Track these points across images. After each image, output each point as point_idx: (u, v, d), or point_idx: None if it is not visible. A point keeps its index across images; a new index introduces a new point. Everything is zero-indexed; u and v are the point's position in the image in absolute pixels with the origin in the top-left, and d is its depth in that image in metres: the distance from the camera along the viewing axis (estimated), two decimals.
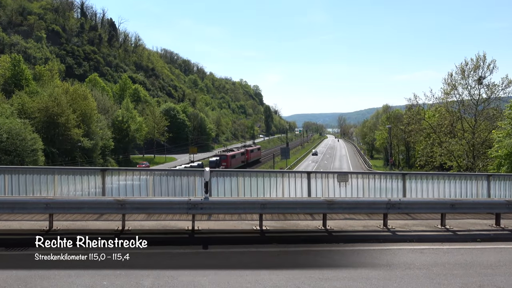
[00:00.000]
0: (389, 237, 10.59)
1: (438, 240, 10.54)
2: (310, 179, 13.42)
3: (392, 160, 71.11)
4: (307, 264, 8.68)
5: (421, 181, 14.11)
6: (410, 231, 11.10)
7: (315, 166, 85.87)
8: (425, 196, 13.97)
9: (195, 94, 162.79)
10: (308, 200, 11.25)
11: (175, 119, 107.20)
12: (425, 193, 14.06)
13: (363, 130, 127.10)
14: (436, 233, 11.05)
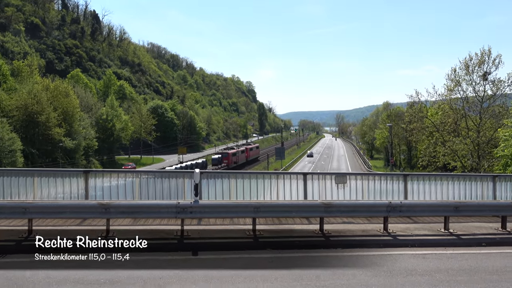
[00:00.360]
0: (390, 242, 10.62)
1: (441, 245, 10.58)
2: (306, 181, 13.44)
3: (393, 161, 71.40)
4: (303, 271, 8.69)
5: (423, 183, 14.18)
6: (411, 235, 11.15)
7: (311, 167, 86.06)
8: (428, 198, 14.03)
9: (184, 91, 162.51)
10: (304, 203, 11.26)
11: (163, 118, 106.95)
12: (427, 195, 14.12)
13: (362, 128, 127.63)
14: (439, 237, 11.10)
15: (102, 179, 12.82)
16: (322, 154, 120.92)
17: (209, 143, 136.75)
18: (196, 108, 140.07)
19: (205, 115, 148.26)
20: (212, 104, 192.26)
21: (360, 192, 13.71)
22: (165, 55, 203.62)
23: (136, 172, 13.28)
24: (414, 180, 14.13)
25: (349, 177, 13.75)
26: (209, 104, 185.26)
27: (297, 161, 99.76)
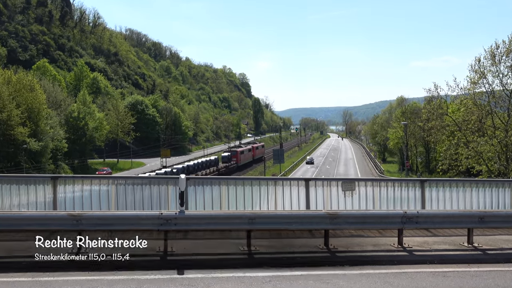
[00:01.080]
0: (405, 258, 10.63)
1: (465, 261, 10.60)
2: (308, 188, 13.44)
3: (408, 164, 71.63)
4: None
5: (443, 190, 14.22)
6: (430, 250, 11.17)
7: (315, 172, 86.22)
8: (449, 207, 14.07)
9: (168, 85, 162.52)
10: (307, 213, 11.26)
11: (143, 115, 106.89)
12: (448, 203, 14.16)
13: (373, 127, 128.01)
14: (461, 253, 11.12)
15: (73, 186, 12.78)
16: (327, 157, 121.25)
17: (197, 144, 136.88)
18: (181, 104, 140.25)
19: (192, 112, 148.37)
20: (200, 100, 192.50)
21: (371, 200, 13.72)
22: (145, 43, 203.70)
23: (112, 178, 13.24)
24: (432, 187, 14.17)
25: (358, 183, 13.76)
26: (196, 100, 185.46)
27: (298, 165, 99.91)
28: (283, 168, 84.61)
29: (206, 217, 10.71)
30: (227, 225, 10.74)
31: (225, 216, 10.75)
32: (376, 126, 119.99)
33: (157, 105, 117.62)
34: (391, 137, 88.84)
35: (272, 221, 10.86)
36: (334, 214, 10.97)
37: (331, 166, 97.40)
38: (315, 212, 11.26)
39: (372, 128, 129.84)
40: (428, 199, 14.05)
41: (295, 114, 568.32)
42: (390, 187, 13.93)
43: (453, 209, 13.89)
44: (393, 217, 11.28)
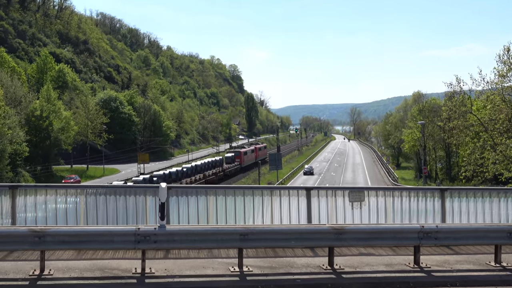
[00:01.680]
0: (423, 280, 10.66)
1: (491, 283, 10.64)
2: (310, 198, 13.46)
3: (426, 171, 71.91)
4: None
5: (467, 200, 14.27)
6: (451, 271, 11.20)
7: (318, 179, 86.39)
8: (473, 221, 14.12)
9: (147, 78, 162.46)
10: (308, 228, 11.28)
11: (117, 114, 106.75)
12: (472, 216, 14.21)
13: (385, 128, 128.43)
14: (488, 273, 11.16)
15: (35, 197, 12.73)
16: (332, 163, 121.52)
17: (180, 147, 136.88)
18: (162, 100, 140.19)
19: (175, 110, 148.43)
20: (184, 96, 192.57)
21: (383, 213, 13.76)
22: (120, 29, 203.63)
23: (82, 188, 13.21)
24: (454, 197, 14.22)
25: (367, 193, 13.79)
26: (179, 96, 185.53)
27: (298, 171, 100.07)
28: (280, 175, 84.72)
29: (191, 232, 10.71)
30: (215, 242, 10.73)
31: (213, 232, 10.75)
32: (389, 126, 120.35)
33: (133, 102, 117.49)
34: (407, 139, 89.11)
35: (267, 237, 10.86)
36: (340, 228, 10.99)
37: (336, 173, 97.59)
38: (317, 227, 11.27)
39: (384, 128, 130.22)
40: (449, 211, 14.10)
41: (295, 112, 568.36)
42: (405, 197, 13.97)
43: (478, 222, 13.95)
44: (408, 232, 11.31)
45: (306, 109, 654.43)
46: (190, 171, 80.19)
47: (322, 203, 13.56)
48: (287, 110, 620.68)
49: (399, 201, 13.92)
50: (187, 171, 79.38)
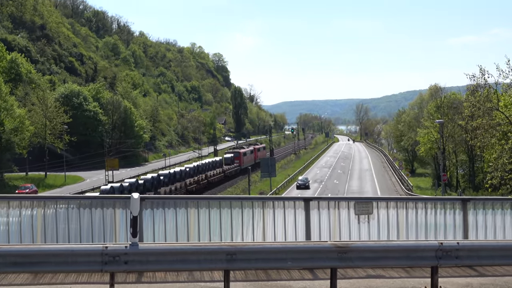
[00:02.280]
0: None
1: None
2: (309, 211, 13.46)
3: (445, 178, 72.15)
4: None
5: (493, 212, 14.29)
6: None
7: (318, 188, 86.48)
8: (501, 236, 14.14)
9: (116, 69, 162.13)
10: (307, 245, 11.26)
11: (80, 112, 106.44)
12: (500, 232, 14.23)
13: (397, 127, 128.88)
14: None
15: None
16: (335, 169, 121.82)
17: (155, 151, 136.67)
18: (134, 96, 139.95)
19: (149, 107, 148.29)
20: (160, 90, 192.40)
21: (395, 227, 13.78)
22: (84, 12, 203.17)
23: (38, 199, 13.13)
24: (478, 209, 14.24)
25: (376, 204, 13.82)
26: (155, 90, 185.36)
27: (296, 179, 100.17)
28: (274, 184, 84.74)
29: (168, 251, 10.66)
30: (197, 263, 10.68)
31: (194, 250, 10.70)
32: (401, 126, 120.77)
33: (100, 98, 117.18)
34: (422, 140, 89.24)
35: (258, 257, 10.83)
36: (344, 246, 10.98)
37: (340, 181, 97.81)
38: (318, 244, 11.25)
39: (396, 128, 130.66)
40: (472, 226, 14.12)
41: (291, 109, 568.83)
42: (420, 209, 13.99)
43: (507, 239, 13.97)
44: (424, 251, 11.31)
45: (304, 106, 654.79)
46: (191, 172, 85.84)
47: (323, 217, 13.56)
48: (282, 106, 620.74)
49: (414, 214, 13.93)
50: (189, 171, 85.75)
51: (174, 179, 79.85)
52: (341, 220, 13.62)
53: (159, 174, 77.94)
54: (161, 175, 78.09)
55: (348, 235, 13.59)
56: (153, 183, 73.44)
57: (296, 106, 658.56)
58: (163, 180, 77.00)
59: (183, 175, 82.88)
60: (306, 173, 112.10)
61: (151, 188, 71.74)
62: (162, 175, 78.13)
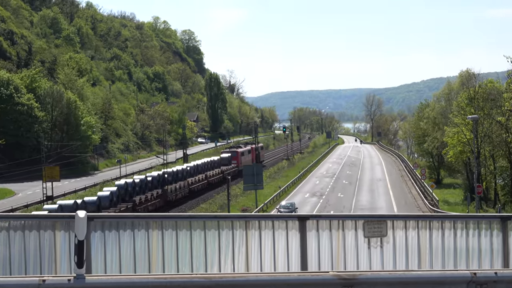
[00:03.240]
0: None
1: None
2: (305, 232, 13.47)
3: (481, 190, 72.33)
4: None
5: None
6: None
7: (317, 204, 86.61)
8: None
9: (56, 51, 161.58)
10: (302, 277, 11.28)
11: (11, 106, 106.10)
12: None
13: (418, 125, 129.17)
14: None
15: None
16: (339, 178, 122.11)
17: (108, 157, 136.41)
18: (80, 85, 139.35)
19: (99, 100, 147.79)
20: (114, 78, 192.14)
21: (415, 253, 13.82)
22: None
23: None
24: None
25: (392, 223, 13.84)
26: (107, 78, 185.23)
27: (289, 191, 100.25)
28: (260, 198, 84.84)
29: (124, 285, 10.66)
30: None
31: (158, 285, 10.72)
32: (424, 123, 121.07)
33: (36, 88, 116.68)
34: (451, 142, 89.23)
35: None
36: (351, 278, 11.02)
37: (345, 194, 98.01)
38: (317, 276, 11.28)
39: (417, 126, 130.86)
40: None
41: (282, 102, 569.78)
42: (448, 229, 14.03)
43: None
44: (453, 283, 11.38)
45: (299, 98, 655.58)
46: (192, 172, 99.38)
47: (324, 240, 13.55)
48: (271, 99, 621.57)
49: (440, 236, 13.96)
50: (190, 170, 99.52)
51: (230, 160, 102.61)
52: (347, 244, 13.61)
53: (205, 162, 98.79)
54: (187, 167, 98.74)
55: (356, 263, 13.62)
56: (229, 159, 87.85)
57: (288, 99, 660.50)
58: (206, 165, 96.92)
59: (185, 174, 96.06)
60: (302, 185, 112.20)
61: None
62: (189, 167, 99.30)
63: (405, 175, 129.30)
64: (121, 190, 76.49)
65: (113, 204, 73.37)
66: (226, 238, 13.38)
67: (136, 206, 75.52)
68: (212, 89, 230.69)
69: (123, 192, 76.45)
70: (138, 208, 75.60)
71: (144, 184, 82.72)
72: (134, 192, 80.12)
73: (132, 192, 79.75)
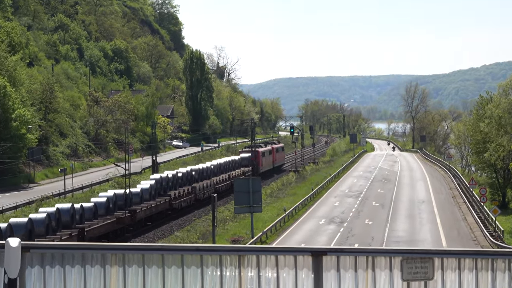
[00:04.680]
0: None
1: None
2: (321, 272, 13.49)
3: None
4: None
5: None
6: None
7: (337, 234, 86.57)
8: None
9: None
10: None
11: None
12: None
13: (477, 126, 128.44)
14: None
15: None
16: (367, 199, 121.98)
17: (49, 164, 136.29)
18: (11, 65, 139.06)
19: (38, 85, 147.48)
20: (58, 56, 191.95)
21: None
22: None
23: None
24: None
25: (440, 262, 13.87)
26: (49, 56, 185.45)
27: (298, 216, 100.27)
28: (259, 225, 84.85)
29: None
30: None
31: None
32: (485, 124, 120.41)
33: None
34: None
35: None
36: None
37: (375, 220, 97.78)
38: None
39: (476, 128, 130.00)
40: None
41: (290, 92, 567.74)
42: None
43: None
44: None
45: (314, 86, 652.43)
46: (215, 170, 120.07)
47: (347, 283, 13.57)
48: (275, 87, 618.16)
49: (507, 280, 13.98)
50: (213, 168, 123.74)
51: (250, 161, 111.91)
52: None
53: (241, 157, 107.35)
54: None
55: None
56: (249, 159, 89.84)
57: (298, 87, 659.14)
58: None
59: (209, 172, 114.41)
60: (316, 207, 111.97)
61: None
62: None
63: (457, 195, 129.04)
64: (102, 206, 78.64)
65: (52, 231, 73.49)
66: (212, 279, 13.37)
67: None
68: (193, 73, 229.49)
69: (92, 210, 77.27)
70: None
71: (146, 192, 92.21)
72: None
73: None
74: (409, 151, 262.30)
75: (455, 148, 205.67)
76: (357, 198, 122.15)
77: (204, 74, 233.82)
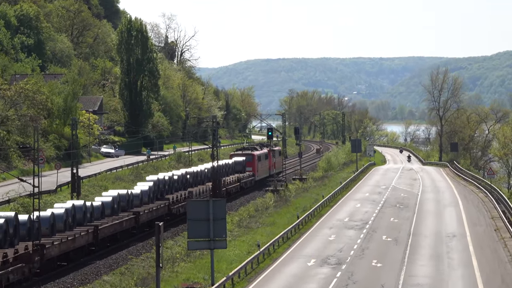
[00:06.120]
0: None
1: None
2: None
3: None
4: None
5: None
6: None
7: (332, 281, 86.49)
8: None
9: None
10: None
11: None
12: None
13: None
14: None
15: None
16: (374, 231, 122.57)
17: None
18: None
19: None
20: None
21: None
22: None
23: None
24: None
25: None
26: None
27: (278, 254, 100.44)
28: (222, 266, 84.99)
29: None
30: None
31: None
32: None
33: None
34: None
35: None
36: None
37: (386, 262, 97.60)
38: None
39: None
40: None
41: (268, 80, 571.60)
42: None
43: None
44: None
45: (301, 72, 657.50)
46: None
47: None
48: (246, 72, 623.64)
49: None
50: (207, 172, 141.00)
51: (244, 166, 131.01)
52: None
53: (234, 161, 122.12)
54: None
55: None
56: (243, 164, 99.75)
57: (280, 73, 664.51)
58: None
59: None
60: (302, 242, 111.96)
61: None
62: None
63: (502, 227, 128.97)
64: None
65: (69, 227, 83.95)
66: None
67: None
68: (131, 51, 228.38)
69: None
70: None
71: None
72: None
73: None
74: (435, 164, 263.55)
75: (499, 161, 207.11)
76: (361, 230, 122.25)
77: (147, 53, 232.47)
